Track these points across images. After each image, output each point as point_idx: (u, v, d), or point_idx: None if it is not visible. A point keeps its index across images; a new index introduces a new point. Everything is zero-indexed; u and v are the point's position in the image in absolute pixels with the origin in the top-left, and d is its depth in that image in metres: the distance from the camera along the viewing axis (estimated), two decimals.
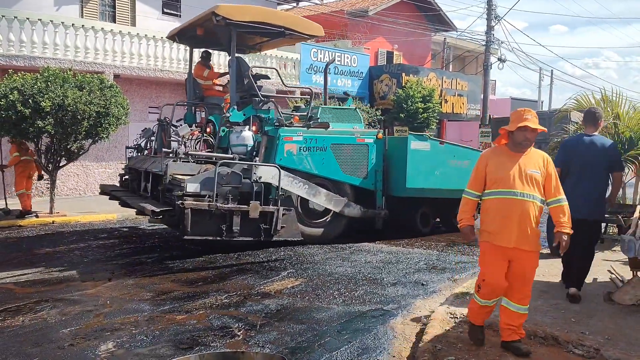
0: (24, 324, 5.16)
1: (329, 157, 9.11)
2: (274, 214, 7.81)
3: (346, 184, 9.32)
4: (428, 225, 10.31)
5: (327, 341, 4.83)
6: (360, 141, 9.44)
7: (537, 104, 39.71)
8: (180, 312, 5.54)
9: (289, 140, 8.77)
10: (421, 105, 20.81)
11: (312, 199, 8.85)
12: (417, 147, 9.57)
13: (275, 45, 10.97)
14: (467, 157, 10.11)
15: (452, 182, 9.81)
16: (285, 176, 8.32)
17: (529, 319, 5.14)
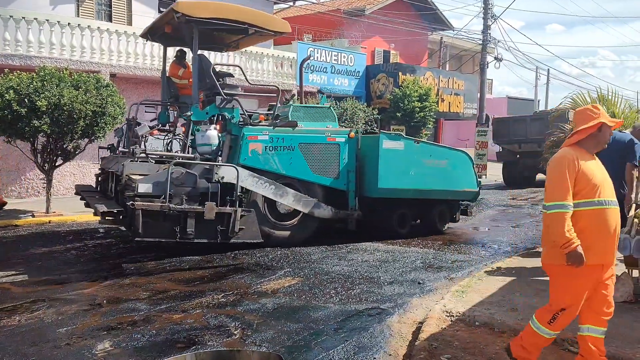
0: (20, 323, 5.16)
1: (298, 157, 8.80)
2: (232, 216, 7.57)
3: (316, 185, 9.02)
4: (406, 226, 9.90)
5: (324, 340, 4.83)
6: (331, 140, 9.11)
7: (533, 103, 39.77)
8: (177, 312, 5.54)
9: (253, 139, 8.51)
10: (418, 105, 20.85)
11: (279, 199, 8.59)
12: (389, 147, 9.22)
13: (251, 43, 10.67)
14: (445, 156, 9.83)
15: (428, 182, 9.55)
16: (249, 176, 8.19)
17: (525, 316, 5.16)
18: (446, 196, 9.95)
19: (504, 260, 7.87)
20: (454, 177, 9.79)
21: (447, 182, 9.75)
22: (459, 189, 9.94)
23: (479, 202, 15.38)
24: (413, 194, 9.55)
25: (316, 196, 8.97)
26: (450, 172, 9.72)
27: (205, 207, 7.40)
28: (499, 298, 5.84)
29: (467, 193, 10.14)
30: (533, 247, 8.99)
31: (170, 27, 8.85)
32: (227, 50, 11.00)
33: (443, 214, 10.24)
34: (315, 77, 20.97)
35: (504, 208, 14.45)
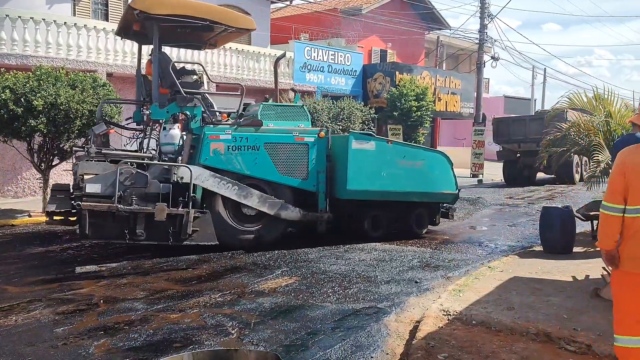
0: (17, 323, 5.15)
1: (263, 157, 8.50)
2: (184, 217, 7.40)
3: (284, 186, 8.70)
4: (379, 229, 9.47)
5: (321, 339, 4.84)
6: (299, 140, 8.76)
7: (530, 102, 39.83)
8: (174, 311, 5.54)
9: (215, 138, 8.26)
10: (415, 104, 20.88)
11: (243, 201, 8.30)
12: (359, 147, 8.88)
13: (226, 40, 10.15)
14: (420, 157, 9.46)
15: (401, 184, 9.15)
16: (210, 177, 8.04)
17: (521, 315, 5.18)
18: (422, 198, 9.53)
19: (500, 259, 7.89)
20: (431, 179, 9.44)
21: (422, 184, 9.37)
22: (436, 191, 9.57)
23: (477, 200, 15.42)
24: (385, 196, 9.19)
25: (284, 197, 8.65)
26: (427, 174, 9.39)
27: (156, 208, 7.23)
28: (495, 297, 5.86)
29: (445, 195, 9.76)
30: (529, 246, 9.01)
31: (138, 24, 8.60)
32: (205, 48, 10.62)
33: (421, 216, 9.85)
34: (312, 76, 20.97)
35: (501, 207, 14.48)
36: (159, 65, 8.47)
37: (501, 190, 18.91)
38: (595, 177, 9.30)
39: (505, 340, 4.66)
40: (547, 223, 8.28)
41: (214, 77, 17.22)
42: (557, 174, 20.48)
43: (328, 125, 16.87)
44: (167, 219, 7.34)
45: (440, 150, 10.31)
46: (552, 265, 7.38)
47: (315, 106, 17.07)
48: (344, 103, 18.06)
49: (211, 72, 17.27)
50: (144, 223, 7.27)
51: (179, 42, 10.31)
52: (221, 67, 17.74)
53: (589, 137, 9.75)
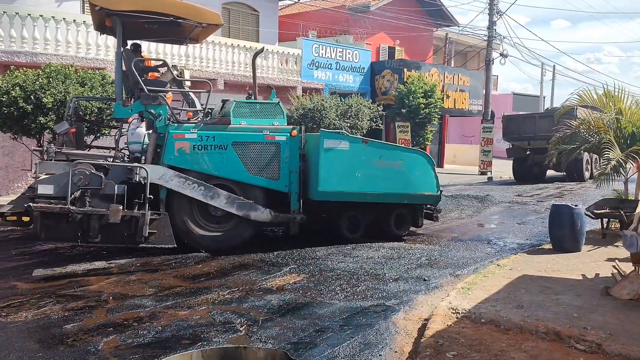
0: (27, 319, 5.18)
1: (231, 157, 8.20)
2: (140, 219, 7.23)
3: (254, 186, 8.39)
4: (358, 230, 9.11)
5: (329, 336, 4.84)
6: (270, 139, 8.41)
7: (539, 100, 39.60)
8: (182, 308, 5.55)
9: (180, 137, 8.02)
10: (423, 101, 20.80)
11: (209, 201, 8.04)
12: (331, 146, 8.52)
13: (205, 35, 9.78)
14: (398, 157, 9.01)
15: (378, 185, 8.76)
16: (175, 177, 7.84)
17: (531, 314, 5.15)
18: (400, 200, 9.09)
19: (509, 257, 7.85)
20: (410, 180, 9.02)
21: (401, 185, 8.95)
22: (415, 192, 9.09)
23: (485, 198, 15.36)
24: (360, 198, 8.83)
25: (255, 198, 8.35)
26: (405, 175, 8.97)
27: (110, 209, 7.08)
28: (504, 295, 5.83)
29: (426, 197, 9.28)
30: (539, 244, 8.96)
31: (110, 20, 8.37)
32: (186, 43, 10.27)
33: (402, 218, 9.39)
34: (320, 73, 20.93)
35: (510, 205, 14.40)
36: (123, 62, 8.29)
37: (510, 188, 18.82)
38: (606, 175, 9.23)
39: (515, 339, 4.64)
40: (557, 221, 8.23)
41: (221, 74, 17.26)
42: (567, 172, 20.37)
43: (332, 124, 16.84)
44: (123, 221, 7.17)
45: (421, 150, 9.89)
46: (561, 264, 7.34)
47: (323, 103, 17.04)
48: (351, 100, 18.01)
49: (218, 70, 17.32)
50: (98, 225, 7.11)
51: (153, 37, 9.99)
52: (228, 64, 17.75)
53: (599, 134, 9.69)
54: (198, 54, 16.99)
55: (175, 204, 7.99)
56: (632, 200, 9.55)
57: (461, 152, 30.23)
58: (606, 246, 8.48)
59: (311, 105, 16.86)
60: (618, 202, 9.54)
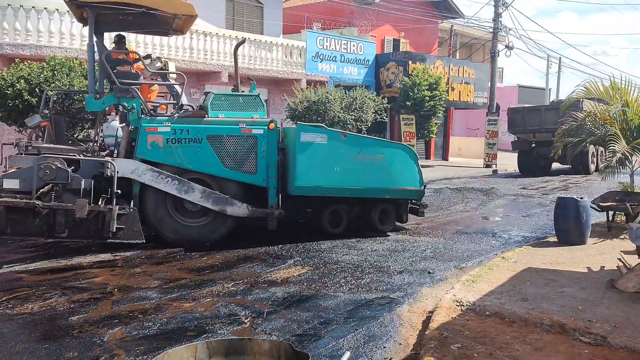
0: (33, 311, 5.21)
1: (206, 150, 8.01)
2: (107, 214, 7.15)
3: (231, 181, 8.21)
4: (340, 225, 8.87)
5: (334, 328, 4.85)
6: (246, 132, 8.18)
7: (545, 92, 39.41)
8: (187, 300, 5.57)
9: (153, 131, 7.85)
10: (428, 93, 20.73)
11: (183, 196, 7.90)
12: (309, 140, 8.31)
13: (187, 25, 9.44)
14: (379, 151, 8.75)
15: (358, 179, 8.55)
16: (148, 171, 7.73)
17: (535, 306, 5.15)
18: (381, 195, 8.88)
19: (514, 250, 7.84)
20: (391, 175, 8.78)
21: (382, 180, 8.72)
22: (397, 187, 8.86)
23: (490, 191, 15.33)
24: (339, 193, 8.63)
25: (231, 193, 8.18)
26: (387, 169, 8.72)
27: (76, 204, 6.99)
28: (509, 288, 5.83)
29: (408, 192, 9.02)
30: (544, 237, 8.94)
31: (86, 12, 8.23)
32: (171, 34, 10.03)
33: (387, 213, 9.14)
34: (324, 66, 20.88)
35: (515, 197, 14.37)
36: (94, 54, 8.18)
37: (515, 181, 18.77)
38: (611, 168, 9.19)
39: (519, 331, 4.64)
40: (562, 213, 8.21)
41: (225, 67, 17.23)
42: (572, 164, 20.28)
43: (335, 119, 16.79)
44: (90, 216, 7.11)
45: (404, 144, 9.58)
46: (566, 256, 7.32)
47: (328, 96, 17.00)
48: (356, 93, 17.97)
49: (222, 62, 17.30)
50: (65, 220, 7.06)
51: (134, 29, 9.81)
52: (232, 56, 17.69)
53: (605, 127, 9.64)
54: (202, 46, 16.97)
55: (149, 198, 7.88)
56: (638, 193, 9.51)
57: (466, 145, 30.15)
58: (612, 239, 8.45)
59: (315, 98, 16.84)
60: (624, 195, 9.50)
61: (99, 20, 8.45)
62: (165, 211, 7.99)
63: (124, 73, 8.35)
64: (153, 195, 7.89)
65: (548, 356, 4.13)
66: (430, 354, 4.14)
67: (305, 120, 17.06)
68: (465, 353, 4.17)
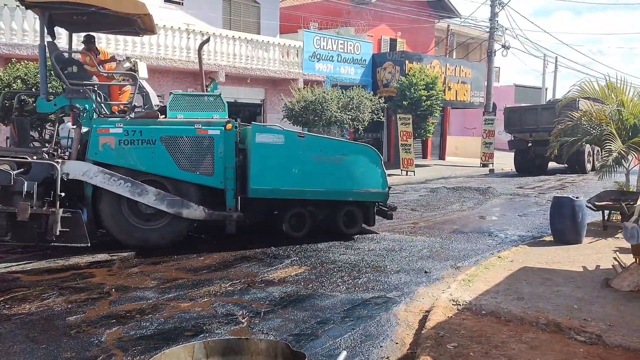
0: (30, 311, 5.21)
1: (160, 152, 7.81)
2: (50, 217, 7.03)
3: (187, 183, 8.02)
4: (302, 229, 8.58)
5: (331, 328, 4.87)
6: (202, 133, 7.96)
7: (541, 91, 39.49)
8: (184, 300, 5.59)
9: (104, 132, 7.70)
10: (424, 93, 20.74)
11: (137, 198, 7.73)
12: (264, 141, 8.10)
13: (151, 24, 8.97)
14: (341, 152, 8.50)
15: (318, 181, 8.31)
16: (99, 173, 7.58)
17: (531, 305, 5.17)
18: (344, 197, 8.60)
19: (510, 249, 7.87)
20: (354, 176, 8.51)
21: (343, 182, 8.46)
22: (360, 189, 8.58)
23: (487, 190, 15.37)
24: (298, 195, 8.37)
25: (189, 195, 8.01)
26: (349, 171, 8.47)
27: (18, 207, 6.90)
28: (505, 287, 5.85)
29: (372, 194, 8.72)
30: (540, 236, 8.98)
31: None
32: (142, 34, 9.81)
33: (352, 215, 8.84)
34: (321, 65, 20.87)
35: (511, 197, 14.41)
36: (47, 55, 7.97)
37: (512, 180, 18.82)
38: (608, 167, 9.23)
39: (515, 330, 4.66)
40: (558, 213, 8.24)
41: (222, 66, 17.21)
42: (568, 164, 20.38)
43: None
44: (33, 218, 7.00)
45: (367, 145, 9.28)
46: (562, 256, 7.36)
47: (325, 96, 17.01)
48: (353, 92, 17.97)
49: (220, 62, 17.28)
50: (7, 223, 6.96)
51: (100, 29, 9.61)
52: (230, 56, 17.71)
53: (601, 126, 9.67)
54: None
55: (103, 201, 7.77)
56: (634, 192, 9.55)
57: (463, 144, 30.19)
58: (607, 238, 8.49)
59: (312, 98, 16.83)
60: (619, 194, 9.54)
61: (61, 20, 8.41)
62: (119, 214, 7.83)
63: (74, 73, 8.18)
64: (107, 198, 7.75)
65: (543, 355, 4.15)
66: (427, 353, 4.16)
67: (303, 121, 17.08)
68: (461, 352, 4.20)
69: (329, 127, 17.52)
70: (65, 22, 8.80)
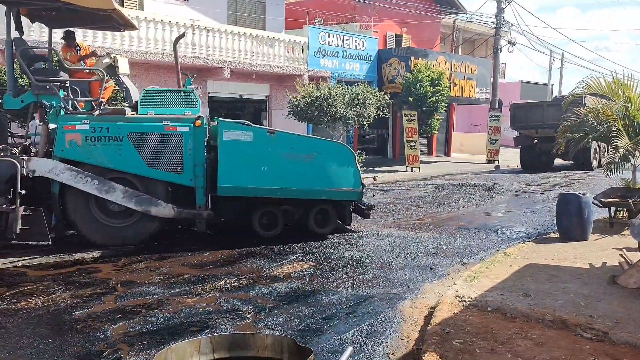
0: (37, 306, 5.24)
1: (128, 149, 7.71)
2: (10, 215, 6.92)
3: (156, 180, 7.91)
4: (273, 227, 8.41)
5: (336, 324, 4.87)
6: (171, 130, 7.84)
7: (547, 88, 39.32)
8: (190, 295, 5.60)
9: (70, 129, 7.61)
10: (430, 89, 20.68)
11: (104, 195, 7.66)
12: (232, 138, 7.93)
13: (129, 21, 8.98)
14: (312, 149, 8.28)
15: (288, 180, 8.12)
16: (66, 170, 7.53)
17: (537, 302, 5.16)
18: (316, 196, 8.38)
19: (516, 246, 7.84)
20: (326, 174, 8.29)
21: (315, 180, 8.24)
22: (332, 188, 8.33)
23: (492, 187, 15.32)
24: (268, 194, 8.20)
25: (158, 193, 7.91)
26: (320, 169, 8.25)
27: None
28: (511, 283, 5.84)
29: (345, 193, 8.46)
30: (546, 233, 8.95)
31: (25, 9, 8.09)
32: (123, 29, 9.74)
33: (325, 214, 8.62)
34: (326, 61, 20.84)
35: (517, 193, 14.37)
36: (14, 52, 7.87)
37: (517, 177, 18.76)
38: (615, 164, 9.18)
39: (521, 327, 4.65)
40: (564, 210, 8.21)
41: (227, 62, 17.20)
42: (574, 160, 20.29)
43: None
44: None
45: (339, 142, 9.11)
46: (568, 252, 7.33)
47: (330, 92, 16.98)
48: (358, 88, 17.93)
49: (224, 58, 17.27)
50: None
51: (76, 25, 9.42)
52: (235, 52, 17.70)
53: (608, 122, 9.62)
54: (204, 42, 16.95)
55: (70, 198, 7.71)
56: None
57: (468, 141, 30.11)
58: (613, 235, 8.45)
59: (317, 94, 16.81)
60: (626, 191, 9.49)
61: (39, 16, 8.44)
62: (87, 212, 7.77)
63: (41, 70, 8.12)
64: (74, 196, 7.69)
65: (550, 351, 4.14)
66: (432, 349, 4.16)
67: (308, 117, 17.07)
68: (466, 348, 4.19)
69: (334, 123, 17.51)
70: (44, 17, 8.73)
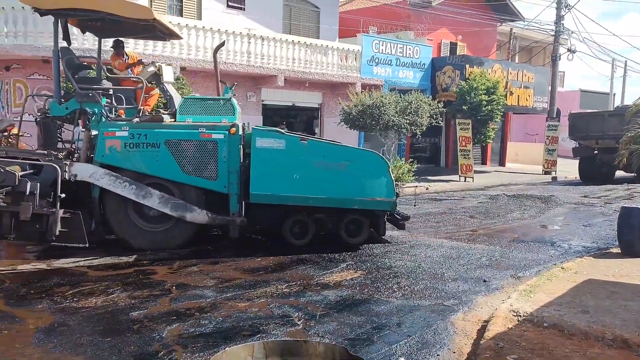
0: (96, 305, 5.44)
1: (165, 155, 7.88)
2: (50, 218, 7.20)
3: (191, 186, 8.03)
4: (305, 236, 8.34)
5: (387, 334, 4.83)
6: (206, 137, 7.96)
7: (608, 97, 37.92)
8: (242, 300, 5.68)
9: (111, 135, 7.86)
10: (485, 98, 20.31)
11: (141, 200, 7.83)
12: (265, 145, 7.96)
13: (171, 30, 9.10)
14: (345, 158, 8.20)
15: (320, 188, 8.05)
16: (105, 175, 7.74)
17: (597, 319, 4.97)
18: (348, 205, 8.26)
19: (574, 260, 7.58)
20: (358, 183, 8.18)
21: (347, 189, 8.13)
22: (365, 197, 8.20)
23: (549, 198, 14.88)
24: (299, 202, 8.13)
25: (192, 199, 8.02)
26: (353, 177, 8.15)
27: (20, 207, 7.11)
28: (568, 299, 5.65)
29: (378, 203, 8.28)
30: (606, 248, 8.61)
31: (74, 20, 8.49)
32: (168, 39, 10.08)
33: (358, 224, 8.46)
34: (379, 70, 20.81)
35: (575, 206, 13.89)
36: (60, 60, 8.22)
37: (576, 189, 18.15)
38: None
39: (579, 345, 4.49)
40: (626, 224, 7.88)
41: (282, 70, 17.43)
42: (638, 173, 19.46)
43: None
44: (34, 218, 7.18)
45: (373, 151, 8.92)
46: (630, 268, 7.03)
47: (382, 100, 16.93)
48: (411, 97, 17.81)
49: (279, 66, 17.52)
50: (11, 222, 7.19)
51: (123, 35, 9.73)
52: (289, 60, 17.91)
53: None
54: (260, 50, 17.24)
55: (110, 203, 7.92)
56: None
57: (524, 151, 29.37)
58: None
59: (370, 102, 16.80)
60: None
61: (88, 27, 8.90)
62: (125, 216, 7.96)
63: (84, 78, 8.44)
64: (113, 200, 7.90)
65: None
66: None
67: (360, 125, 17.07)
68: None
69: (386, 132, 17.44)
70: (92, 28, 9.19)
